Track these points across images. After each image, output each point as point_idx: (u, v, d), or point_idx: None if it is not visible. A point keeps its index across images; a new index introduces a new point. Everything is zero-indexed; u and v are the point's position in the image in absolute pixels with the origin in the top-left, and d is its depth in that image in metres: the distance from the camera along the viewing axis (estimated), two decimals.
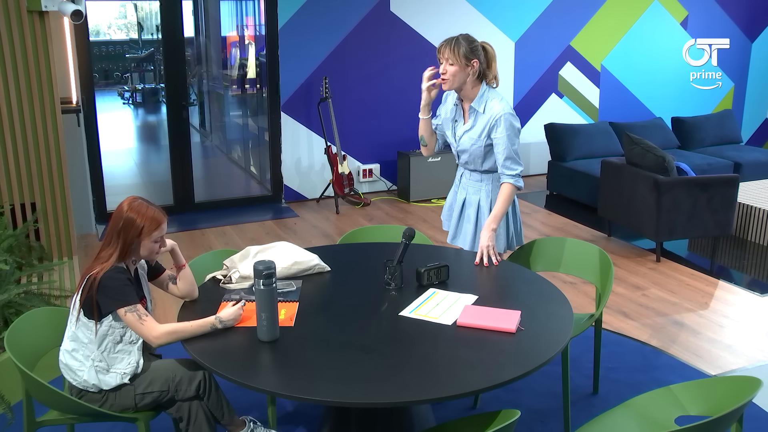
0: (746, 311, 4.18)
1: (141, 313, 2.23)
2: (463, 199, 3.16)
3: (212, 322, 2.23)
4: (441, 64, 2.94)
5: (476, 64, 2.92)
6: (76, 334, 2.29)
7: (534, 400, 3.15)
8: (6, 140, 4.27)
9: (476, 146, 3.00)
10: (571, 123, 7.14)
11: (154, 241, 2.31)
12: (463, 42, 2.90)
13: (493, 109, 2.94)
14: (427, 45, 6.77)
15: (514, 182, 2.96)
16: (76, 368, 2.29)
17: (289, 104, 6.40)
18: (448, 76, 2.91)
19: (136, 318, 2.22)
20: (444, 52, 2.91)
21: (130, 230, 2.26)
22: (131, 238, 2.26)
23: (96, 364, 2.28)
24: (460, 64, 2.89)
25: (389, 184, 7.00)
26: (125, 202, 2.30)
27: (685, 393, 2.12)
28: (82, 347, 2.28)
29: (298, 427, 2.95)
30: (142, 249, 2.30)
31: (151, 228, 2.27)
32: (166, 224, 2.34)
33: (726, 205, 4.92)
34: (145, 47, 13.24)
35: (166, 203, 6.31)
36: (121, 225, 2.26)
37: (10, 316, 3.21)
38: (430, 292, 2.53)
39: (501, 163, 2.96)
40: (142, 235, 2.27)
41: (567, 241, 3.20)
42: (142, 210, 2.28)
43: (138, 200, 2.31)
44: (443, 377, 1.97)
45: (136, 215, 2.26)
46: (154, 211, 2.30)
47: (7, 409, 2.82)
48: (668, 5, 7.78)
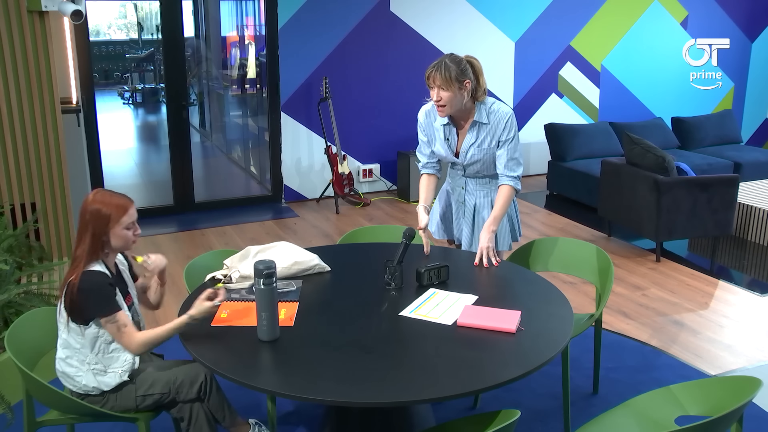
0: (746, 311, 4.18)
1: (120, 324, 2.22)
2: (473, 205, 3.09)
3: (184, 320, 2.23)
4: (432, 90, 2.83)
5: (468, 84, 2.82)
6: (67, 341, 2.27)
7: (534, 400, 3.15)
8: (6, 140, 4.27)
9: (489, 154, 2.96)
10: (571, 123, 7.14)
11: (126, 228, 2.26)
12: (452, 64, 2.77)
13: (499, 113, 2.91)
14: (427, 45, 6.77)
15: (515, 185, 2.95)
16: (74, 374, 2.28)
17: (289, 104, 6.40)
18: (444, 103, 2.81)
19: (115, 329, 2.22)
20: (435, 79, 2.78)
21: (98, 222, 2.22)
22: (100, 230, 2.22)
23: (93, 367, 2.27)
24: (453, 89, 2.78)
25: (389, 184, 7.00)
26: (89, 195, 2.26)
27: (685, 393, 2.12)
28: (75, 353, 2.27)
29: (298, 427, 2.95)
30: (115, 239, 2.26)
31: (118, 215, 2.23)
32: (135, 210, 2.30)
33: (726, 205, 4.92)
34: (145, 47, 13.24)
35: (166, 203, 6.32)
36: (87, 218, 2.22)
37: (10, 316, 3.21)
38: (430, 293, 2.53)
39: (504, 163, 2.93)
40: (110, 224, 2.23)
41: (567, 241, 3.20)
42: (106, 199, 2.24)
43: (101, 191, 2.28)
44: (443, 377, 1.97)
45: (100, 205, 2.22)
46: (119, 198, 2.26)
47: (7, 409, 2.82)
48: (668, 5, 7.78)
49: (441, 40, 6.80)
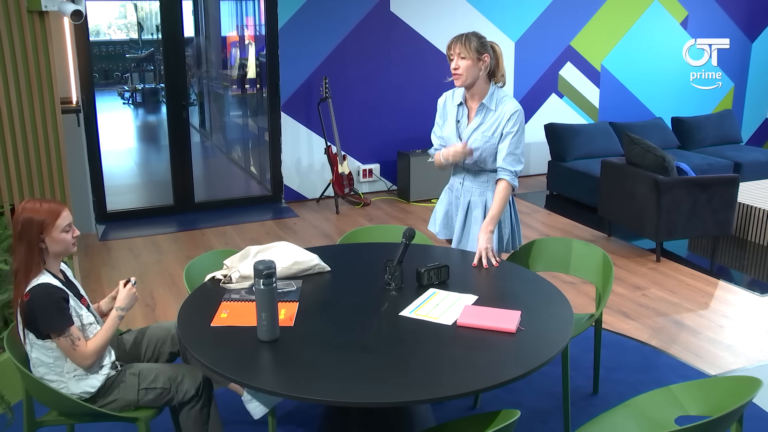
0: (746, 311, 4.18)
1: (74, 338, 2.19)
2: (467, 202, 3.11)
3: (117, 314, 2.29)
4: (452, 61, 2.93)
5: (487, 58, 2.93)
6: (39, 359, 2.24)
7: (534, 400, 3.15)
8: (6, 140, 4.27)
9: (490, 143, 2.97)
10: (571, 123, 7.14)
11: (63, 232, 2.23)
12: (474, 37, 2.92)
13: (507, 105, 2.96)
14: (427, 45, 6.78)
15: (511, 180, 2.95)
16: (60, 388, 2.26)
17: (289, 104, 6.40)
18: (461, 71, 2.91)
19: (69, 344, 2.19)
20: (455, 48, 2.91)
21: (31, 230, 2.17)
22: (35, 238, 2.18)
23: (74, 374, 2.26)
24: (472, 58, 2.89)
25: (389, 184, 7.00)
26: (19, 206, 2.22)
27: (685, 393, 2.12)
28: (51, 368, 2.25)
29: (298, 427, 2.95)
30: (54, 244, 2.22)
31: (51, 219, 2.20)
32: (68, 213, 2.26)
33: (726, 205, 4.92)
34: (145, 47, 13.24)
35: (166, 203, 6.32)
36: (20, 230, 2.17)
37: (10, 316, 3.21)
38: (430, 292, 2.53)
39: (503, 157, 2.94)
40: (45, 231, 2.19)
41: (567, 241, 3.20)
42: (36, 207, 2.20)
43: (30, 200, 2.23)
44: (443, 377, 1.97)
45: (32, 213, 2.19)
46: (48, 204, 2.22)
47: (7, 409, 2.82)
48: (668, 5, 7.78)
49: (441, 40, 6.80)
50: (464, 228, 3.13)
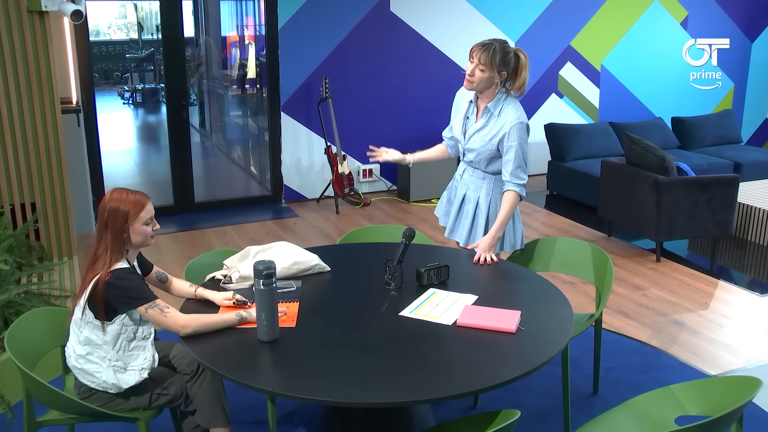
0: (746, 311, 4.18)
1: (162, 306, 2.24)
2: (463, 194, 3.16)
3: (236, 316, 2.27)
4: (470, 63, 2.91)
5: (504, 74, 2.92)
6: (88, 338, 2.28)
7: (534, 400, 3.15)
8: (6, 140, 4.27)
9: (486, 149, 2.99)
10: (571, 123, 7.14)
11: (145, 224, 2.30)
12: (499, 52, 2.86)
13: (509, 115, 2.93)
14: (427, 45, 6.77)
15: (519, 191, 2.96)
16: (94, 371, 2.28)
17: (289, 104, 6.40)
18: (475, 80, 2.90)
19: (158, 312, 2.22)
20: (479, 56, 2.87)
21: (116, 219, 2.25)
22: (120, 227, 2.26)
23: (113, 364, 2.28)
24: (491, 73, 2.87)
25: (389, 184, 7.00)
26: (107, 194, 2.30)
27: (685, 393, 2.12)
28: (96, 349, 2.28)
29: (298, 427, 2.95)
30: (135, 235, 2.29)
31: (136, 211, 2.27)
32: (152, 206, 2.33)
33: (726, 205, 4.92)
34: (145, 47, 13.23)
35: (166, 203, 6.32)
36: (106, 216, 2.26)
37: (10, 316, 3.21)
38: (430, 292, 2.53)
39: (510, 171, 2.94)
40: (129, 221, 2.27)
41: (567, 241, 3.20)
42: (123, 197, 2.28)
43: (117, 190, 2.31)
44: (443, 377, 1.97)
45: (118, 203, 2.26)
46: (135, 195, 2.30)
47: (7, 409, 2.82)
48: (668, 5, 7.78)
49: (441, 40, 6.80)
50: (456, 219, 3.20)
